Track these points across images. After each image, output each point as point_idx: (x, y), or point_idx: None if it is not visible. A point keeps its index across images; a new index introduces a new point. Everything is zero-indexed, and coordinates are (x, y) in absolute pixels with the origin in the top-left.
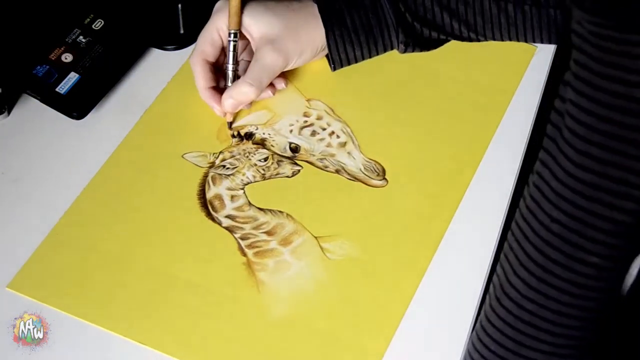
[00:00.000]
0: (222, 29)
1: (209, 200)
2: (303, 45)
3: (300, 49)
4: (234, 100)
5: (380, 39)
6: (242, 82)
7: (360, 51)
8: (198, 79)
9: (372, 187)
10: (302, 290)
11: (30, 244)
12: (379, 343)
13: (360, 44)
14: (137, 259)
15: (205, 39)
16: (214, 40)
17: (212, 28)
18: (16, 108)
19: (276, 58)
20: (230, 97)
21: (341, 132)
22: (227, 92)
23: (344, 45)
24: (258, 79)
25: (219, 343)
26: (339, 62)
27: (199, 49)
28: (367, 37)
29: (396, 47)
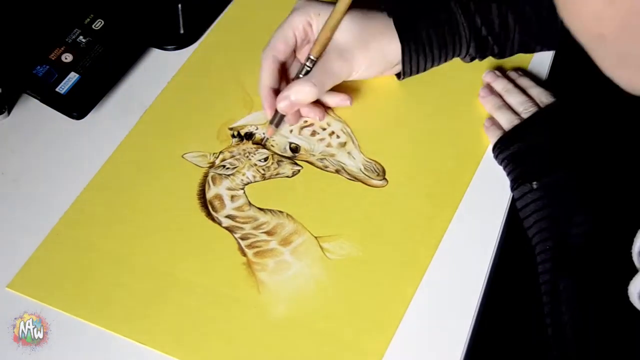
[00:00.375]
0: (299, 29)
1: (209, 200)
2: (371, 58)
3: (367, 62)
4: (293, 100)
5: (451, 52)
6: (305, 80)
7: (431, 63)
8: (263, 75)
9: (372, 187)
10: (302, 290)
11: (30, 244)
12: (379, 343)
13: (433, 57)
14: (137, 259)
15: (279, 36)
16: (287, 39)
17: (288, 27)
18: (16, 108)
19: (342, 66)
20: (287, 98)
21: (341, 132)
22: (284, 91)
23: (417, 58)
24: (321, 81)
25: (218, 343)
26: (409, 73)
27: (271, 45)
28: (440, 50)
29: (463, 58)
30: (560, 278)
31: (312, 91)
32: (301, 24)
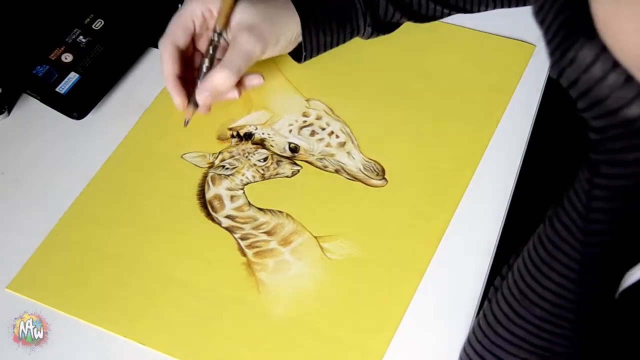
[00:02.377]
0: (197, 16)
1: (209, 201)
2: (279, 32)
3: (276, 36)
4: (211, 90)
5: (348, 24)
6: (220, 68)
7: (330, 37)
8: (165, 64)
9: (371, 187)
10: (302, 290)
11: (30, 244)
12: (379, 342)
13: (332, 31)
14: (137, 260)
15: (178, 24)
16: (186, 26)
17: (187, 14)
18: (16, 108)
19: (254, 44)
20: (206, 89)
21: (340, 132)
22: (202, 84)
23: (317, 32)
24: (236, 65)
25: (219, 343)
26: (309, 51)
27: (169, 33)
28: (338, 23)
29: (362, 32)
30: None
31: (229, 77)
32: (200, 10)
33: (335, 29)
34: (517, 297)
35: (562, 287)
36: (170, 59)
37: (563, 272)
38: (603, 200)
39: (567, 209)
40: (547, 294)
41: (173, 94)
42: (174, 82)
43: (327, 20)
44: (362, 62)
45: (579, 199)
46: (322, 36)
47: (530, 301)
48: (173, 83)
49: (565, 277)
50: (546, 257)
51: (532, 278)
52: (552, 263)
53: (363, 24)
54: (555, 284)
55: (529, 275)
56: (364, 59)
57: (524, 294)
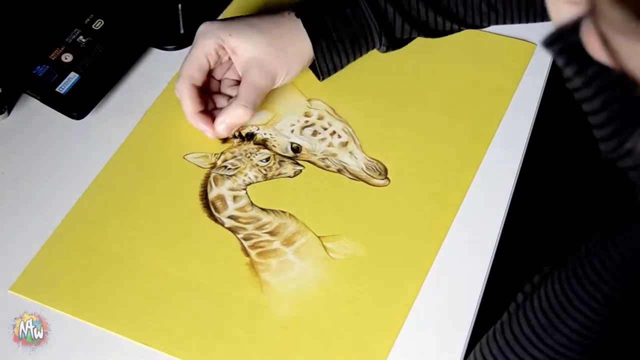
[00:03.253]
0: (211, 54)
1: (211, 201)
2: (290, 62)
3: (287, 67)
4: (229, 124)
5: (364, 44)
6: (236, 105)
7: (346, 58)
8: (187, 105)
9: (374, 187)
10: (306, 290)
11: (30, 244)
12: (384, 342)
13: (346, 52)
14: (140, 261)
15: (193, 65)
16: (201, 65)
17: (200, 53)
18: (16, 108)
19: (265, 79)
20: (224, 122)
21: (342, 132)
22: (220, 117)
23: (331, 55)
24: (252, 102)
25: (222, 343)
26: (326, 72)
27: (186, 75)
28: (352, 44)
29: (378, 47)
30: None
31: (245, 113)
32: (213, 48)
33: (349, 49)
34: (543, 323)
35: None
36: (190, 99)
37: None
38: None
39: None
40: (575, 325)
41: (201, 128)
42: (198, 119)
43: (340, 41)
44: (363, 61)
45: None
46: (337, 57)
47: (555, 329)
48: (198, 120)
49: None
50: (582, 293)
51: (562, 309)
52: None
53: (378, 42)
54: (585, 316)
55: (559, 306)
56: (365, 58)
57: (551, 321)
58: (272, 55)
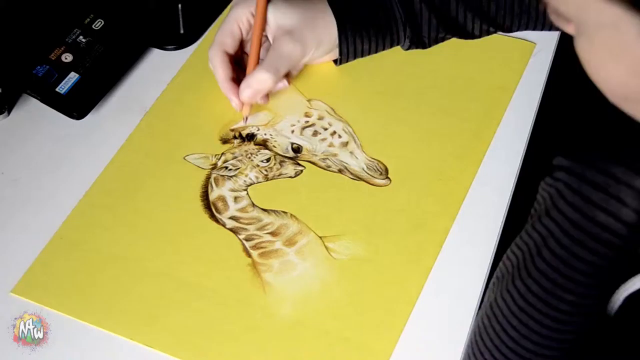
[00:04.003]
0: (242, 21)
1: (212, 202)
2: (320, 36)
3: (317, 39)
4: (252, 89)
5: (388, 34)
6: (259, 69)
7: (368, 45)
8: (218, 71)
9: (375, 187)
10: (308, 290)
11: (30, 245)
12: (387, 342)
13: (369, 38)
14: (141, 262)
15: (225, 31)
16: (233, 32)
17: (232, 20)
18: (16, 108)
19: (294, 48)
20: (248, 86)
21: (343, 132)
22: (244, 81)
23: (354, 39)
24: (275, 67)
25: (225, 344)
26: (345, 55)
27: (218, 41)
28: (377, 33)
29: (402, 43)
30: None
31: (267, 77)
32: (245, 16)
33: (373, 37)
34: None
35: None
36: (221, 64)
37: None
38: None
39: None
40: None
41: (229, 96)
42: (228, 85)
43: (364, 27)
44: (362, 61)
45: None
46: (360, 43)
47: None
48: (227, 85)
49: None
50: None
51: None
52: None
53: (403, 35)
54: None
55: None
56: (364, 58)
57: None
58: (303, 25)
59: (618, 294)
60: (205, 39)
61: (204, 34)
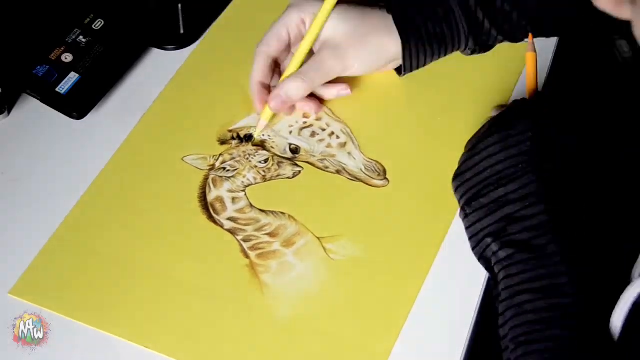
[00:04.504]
0: (292, 27)
1: (210, 203)
2: (367, 54)
3: (362, 58)
4: (283, 97)
5: (450, 45)
6: (294, 77)
7: (431, 57)
8: (255, 70)
9: (373, 187)
10: (306, 291)
11: (30, 245)
12: (385, 343)
13: (433, 52)
14: (140, 263)
15: (273, 33)
16: (280, 36)
17: (282, 24)
18: (16, 108)
19: (334, 64)
20: (278, 96)
21: (341, 133)
22: (277, 88)
23: (418, 54)
24: (311, 77)
25: (223, 345)
26: (409, 69)
27: (264, 42)
28: (440, 45)
29: (463, 50)
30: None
31: (302, 87)
32: (295, 22)
33: (436, 49)
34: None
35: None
36: (261, 67)
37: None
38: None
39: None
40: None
41: (254, 99)
42: (257, 88)
43: (429, 41)
44: None
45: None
46: (423, 56)
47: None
48: (256, 88)
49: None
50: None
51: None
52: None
53: (464, 45)
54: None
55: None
56: None
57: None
58: (350, 41)
59: (620, 304)
60: (205, 39)
61: (204, 34)
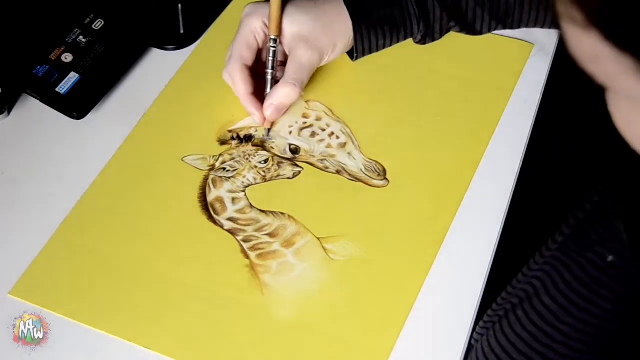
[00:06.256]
0: (257, 32)
1: (210, 203)
2: (335, 38)
3: (333, 43)
4: (277, 105)
5: (402, 30)
6: (283, 83)
7: (383, 40)
8: (239, 86)
9: (373, 187)
10: (307, 291)
11: (30, 245)
12: (385, 343)
13: (384, 35)
14: (139, 263)
15: (241, 44)
16: (250, 43)
17: (247, 31)
18: (16, 108)
19: (312, 55)
20: (272, 105)
21: (341, 133)
22: (268, 100)
23: (369, 36)
24: (299, 79)
25: (223, 346)
26: (361, 52)
27: (236, 55)
28: (391, 29)
29: (415, 36)
30: None
31: (293, 91)
32: (259, 25)
33: (387, 32)
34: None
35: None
36: (243, 80)
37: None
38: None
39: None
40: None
41: (251, 111)
42: (249, 100)
43: (379, 23)
44: (361, 62)
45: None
46: (374, 39)
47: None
48: (250, 101)
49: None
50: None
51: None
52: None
53: (417, 29)
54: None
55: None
56: (363, 58)
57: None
58: (318, 30)
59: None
60: (204, 39)
61: (203, 34)
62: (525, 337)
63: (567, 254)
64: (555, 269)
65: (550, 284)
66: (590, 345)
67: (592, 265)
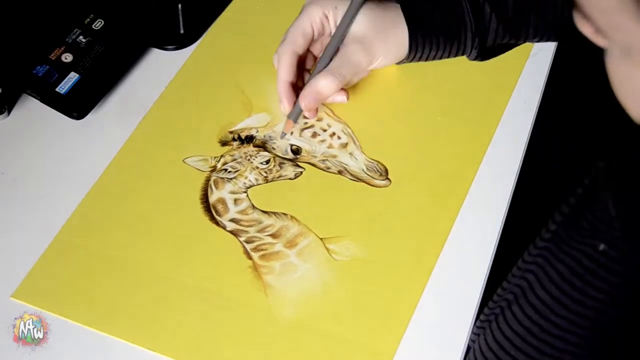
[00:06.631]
0: (316, 22)
1: (212, 205)
2: (390, 45)
3: (386, 49)
4: (314, 95)
5: (456, 41)
6: (324, 73)
7: (435, 52)
8: (282, 70)
9: (375, 188)
10: (310, 292)
11: (30, 246)
12: (389, 344)
13: (438, 45)
14: (142, 265)
15: (297, 30)
16: (305, 32)
17: (306, 20)
18: (16, 108)
19: (363, 57)
20: (310, 93)
21: (342, 133)
22: (306, 88)
23: (423, 45)
24: (341, 73)
25: (226, 347)
26: (411, 59)
27: (290, 39)
28: (445, 39)
29: (469, 53)
30: None
31: (333, 83)
32: (318, 16)
33: (442, 44)
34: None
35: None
36: (288, 66)
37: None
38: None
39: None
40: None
41: (282, 98)
42: (285, 88)
43: (434, 34)
44: None
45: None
46: (428, 49)
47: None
48: (284, 88)
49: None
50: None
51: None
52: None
53: (470, 45)
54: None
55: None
56: None
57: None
58: (373, 33)
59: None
60: (204, 39)
61: (203, 34)
62: (521, 333)
63: (559, 245)
64: (547, 261)
65: (544, 277)
66: (586, 339)
67: (584, 256)
